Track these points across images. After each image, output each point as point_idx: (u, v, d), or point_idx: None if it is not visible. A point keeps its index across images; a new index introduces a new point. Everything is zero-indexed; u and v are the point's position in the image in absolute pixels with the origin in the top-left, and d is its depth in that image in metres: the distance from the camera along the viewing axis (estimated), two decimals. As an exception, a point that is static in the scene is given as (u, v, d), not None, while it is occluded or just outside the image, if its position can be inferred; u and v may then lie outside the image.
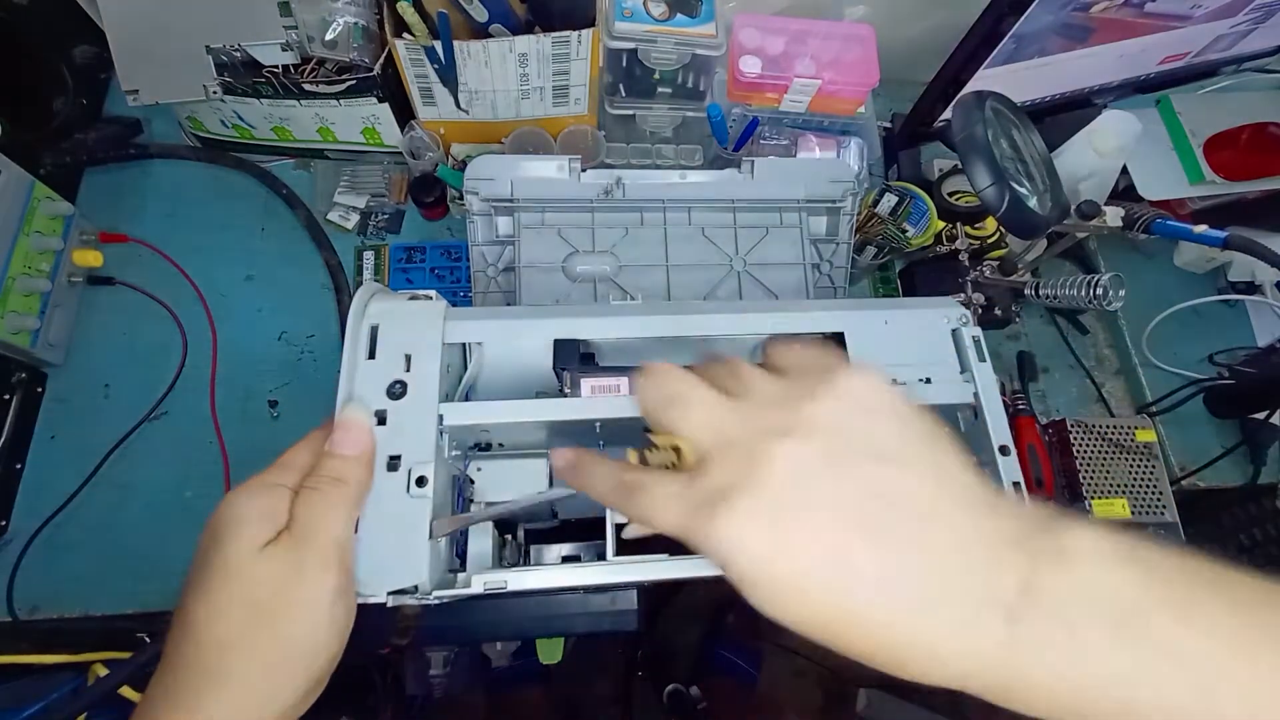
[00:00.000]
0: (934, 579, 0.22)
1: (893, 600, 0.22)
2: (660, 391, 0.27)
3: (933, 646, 0.22)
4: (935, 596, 0.21)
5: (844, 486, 0.23)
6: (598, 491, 0.29)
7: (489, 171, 0.57)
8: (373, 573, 0.33)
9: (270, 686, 0.28)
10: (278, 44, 0.56)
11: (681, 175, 0.60)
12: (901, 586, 0.22)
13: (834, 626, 0.22)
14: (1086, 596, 0.21)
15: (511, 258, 0.58)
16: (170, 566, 0.55)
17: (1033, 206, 0.50)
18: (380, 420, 0.36)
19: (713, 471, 0.24)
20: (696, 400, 0.26)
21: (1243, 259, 0.74)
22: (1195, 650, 0.20)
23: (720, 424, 0.25)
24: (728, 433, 0.25)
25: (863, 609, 0.22)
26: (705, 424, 0.25)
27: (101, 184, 0.66)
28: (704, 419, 0.25)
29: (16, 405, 0.57)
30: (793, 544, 0.22)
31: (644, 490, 0.26)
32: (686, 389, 0.26)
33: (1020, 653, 0.21)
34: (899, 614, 0.22)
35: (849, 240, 0.62)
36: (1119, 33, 0.62)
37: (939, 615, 0.21)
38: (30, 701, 0.54)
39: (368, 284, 0.41)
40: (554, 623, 0.51)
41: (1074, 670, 0.21)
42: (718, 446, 0.24)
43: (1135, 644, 0.20)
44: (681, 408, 0.26)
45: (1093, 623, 0.21)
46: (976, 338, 0.43)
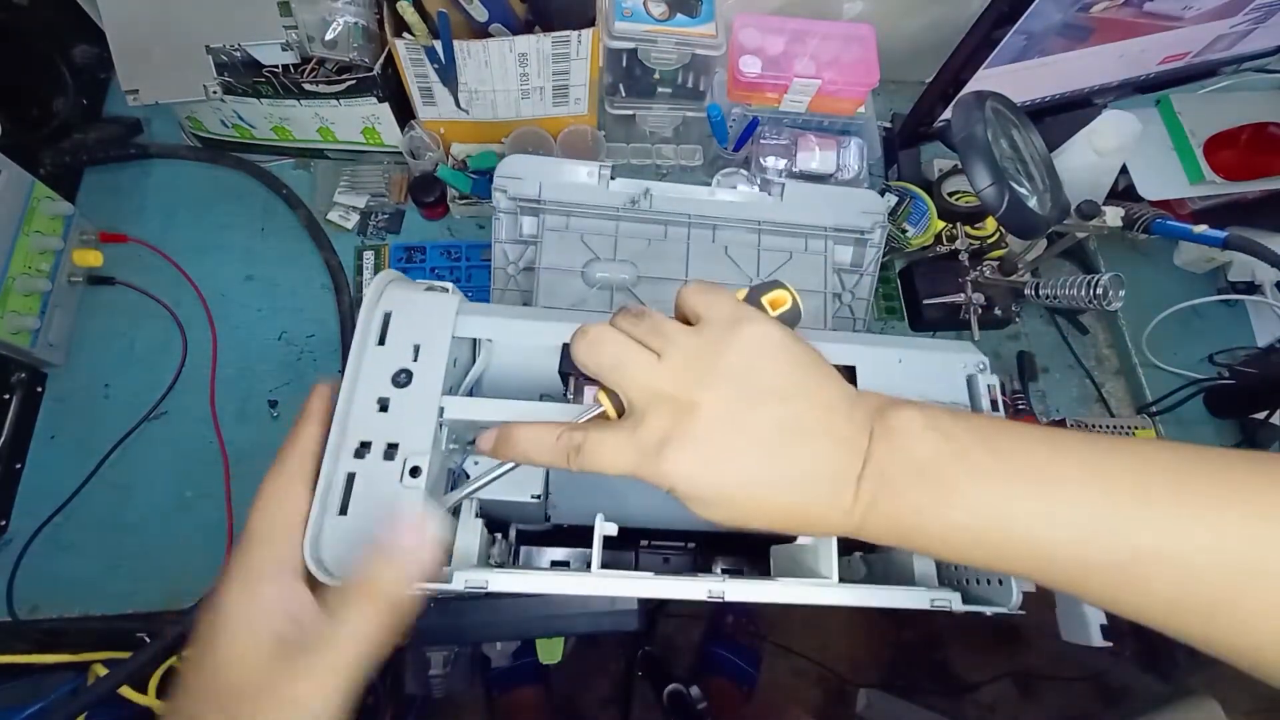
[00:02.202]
0: (811, 473, 0.30)
1: (787, 492, 0.30)
2: (600, 355, 0.32)
3: (817, 515, 0.30)
4: (820, 485, 0.30)
5: (754, 421, 0.30)
6: (535, 457, 0.33)
7: (519, 171, 0.57)
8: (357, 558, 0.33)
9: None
10: (278, 44, 0.56)
11: (710, 192, 0.60)
12: (792, 482, 0.30)
13: (750, 517, 0.30)
14: (897, 460, 0.29)
15: (533, 258, 0.59)
16: (170, 566, 0.55)
17: (1033, 206, 0.50)
18: (382, 407, 0.36)
19: (651, 422, 0.30)
20: (630, 362, 0.31)
21: (1243, 259, 0.74)
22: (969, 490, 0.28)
23: (655, 382, 0.31)
24: (661, 389, 0.31)
25: (768, 500, 0.30)
26: (642, 384, 0.31)
27: (101, 184, 0.66)
28: (639, 378, 0.31)
29: (16, 405, 0.57)
30: (721, 469, 0.30)
31: (591, 446, 0.31)
32: (622, 351, 0.32)
33: (864, 503, 0.29)
34: (792, 499, 0.30)
35: (874, 272, 0.62)
36: (1119, 33, 0.61)
37: (822, 496, 0.30)
38: (30, 701, 0.54)
39: (387, 271, 0.41)
40: (554, 623, 0.51)
41: (892, 508, 0.29)
42: (654, 401, 0.31)
43: (930, 488, 0.29)
44: (619, 369, 0.31)
45: (904, 477, 0.29)
46: (991, 386, 0.43)
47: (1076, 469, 0.28)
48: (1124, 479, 0.28)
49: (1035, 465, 0.29)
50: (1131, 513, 0.27)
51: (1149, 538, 0.27)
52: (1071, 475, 0.28)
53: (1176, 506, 0.27)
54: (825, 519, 0.30)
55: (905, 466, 0.29)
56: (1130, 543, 0.27)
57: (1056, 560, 0.28)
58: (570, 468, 0.31)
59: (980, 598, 0.40)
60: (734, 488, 0.30)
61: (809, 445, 0.30)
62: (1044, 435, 0.30)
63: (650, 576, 0.36)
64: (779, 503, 0.30)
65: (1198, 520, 0.26)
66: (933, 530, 0.29)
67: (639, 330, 0.32)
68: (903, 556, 0.44)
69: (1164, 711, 0.91)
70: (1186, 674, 0.84)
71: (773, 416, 0.30)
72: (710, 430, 0.30)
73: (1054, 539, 0.28)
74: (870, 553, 0.49)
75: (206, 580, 0.52)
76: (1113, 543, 0.27)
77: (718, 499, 0.30)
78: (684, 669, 1.23)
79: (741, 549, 0.53)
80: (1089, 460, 0.29)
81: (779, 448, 0.30)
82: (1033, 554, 0.28)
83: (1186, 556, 0.26)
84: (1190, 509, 0.27)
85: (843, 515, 0.30)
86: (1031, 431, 0.30)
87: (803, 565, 0.41)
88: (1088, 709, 1.25)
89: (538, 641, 0.66)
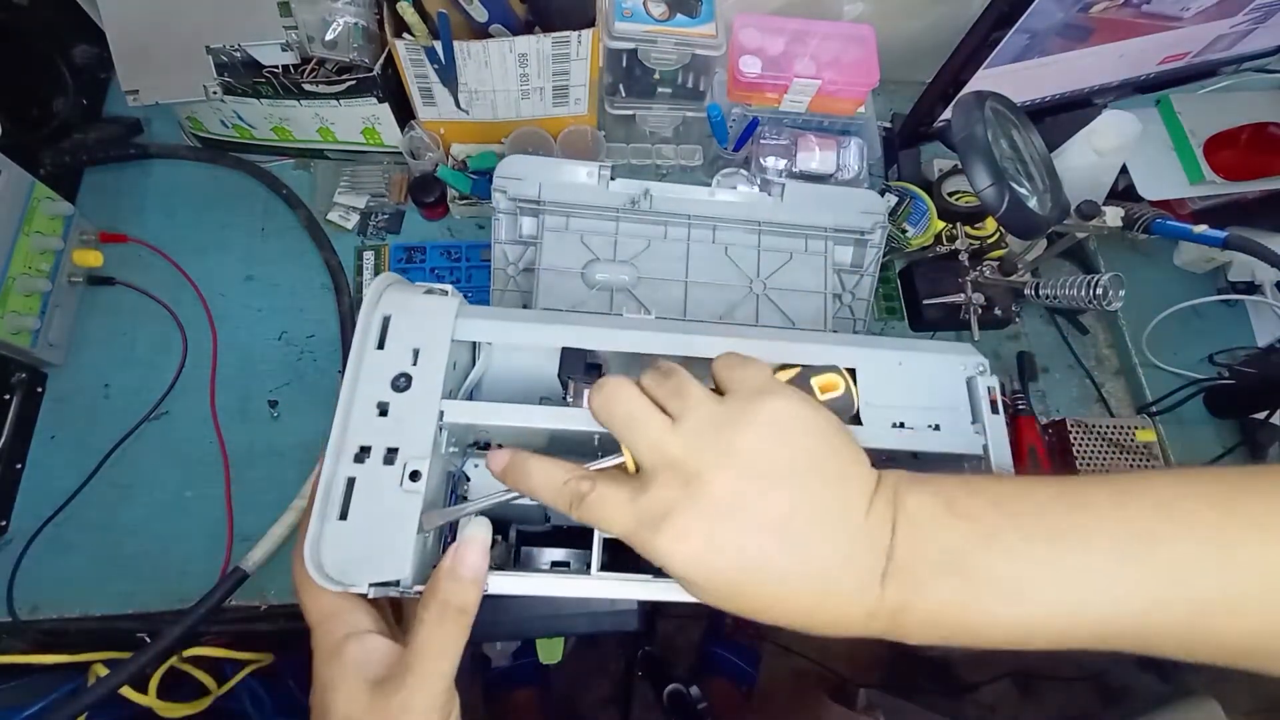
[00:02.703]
0: (828, 570, 0.28)
1: (799, 588, 0.28)
2: (613, 411, 0.31)
3: (836, 615, 0.28)
4: (835, 581, 0.28)
5: (763, 503, 0.28)
6: (540, 495, 0.32)
7: (519, 171, 0.57)
8: (356, 562, 0.33)
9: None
10: (278, 44, 0.56)
11: (710, 193, 0.60)
12: (805, 578, 0.28)
13: (760, 612, 0.28)
14: (922, 550, 0.28)
15: (532, 258, 0.59)
16: (170, 566, 0.55)
17: (1033, 206, 0.50)
18: (382, 411, 0.36)
19: (656, 489, 0.28)
20: (643, 421, 0.30)
21: (1243, 259, 0.74)
22: (1005, 573, 0.27)
23: (665, 446, 0.29)
24: (670, 455, 0.29)
25: (781, 597, 0.28)
26: (652, 446, 0.29)
27: (101, 184, 0.66)
28: (651, 441, 0.29)
29: (16, 405, 0.57)
30: (725, 553, 0.27)
31: (594, 501, 0.30)
32: (636, 411, 0.30)
33: (890, 605, 0.28)
34: (804, 597, 0.28)
35: (874, 272, 0.62)
36: (1119, 33, 0.61)
37: (838, 593, 0.28)
38: (30, 701, 0.54)
39: (386, 274, 0.40)
40: (554, 623, 0.51)
41: (924, 607, 0.27)
42: (661, 466, 0.29)
43: (959, 576, 0.27)
44: (631, 428, 0.30)
45: (928, 568, 0.27)
46: (991, 388, 0.43)
47: (1111, 524, 0.27)
48: (1163, 527, 0.26)
49: (1063, 532, 0.27)
50: (1180, 561, 0.26)
51: (1206, 585, 0.25)
52: (1103, 538, 0.27)
53: (1221, 547, 0.26)
54: (846, 620, 0.28)
55: (933, 560, 0.27)
56: (1188, 595, 0.26)
57: (1117, 627, 0.26)
58: (571, 515, 0.30)
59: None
60: (736, 576, 0.28)
61: (826, 539, 0.28)
62: (1066, 492, 0.28)
63: (650, 578, 0.36)
64: (790, 600, 0.28)
65: (1250, 550, 0.25)
66: (977, 624, 0.27)
67: (661, 391, 0.31)
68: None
69: (1164, 711, 0.91)
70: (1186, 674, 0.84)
71: (786, 502, 0.28)
72: (716, 509, 0.28)
73: (1108, 611, 0.26)
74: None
75: (207, 580, 0.52)
76: (1170, 596, 0.26)
77: (718, 588, 0.28)
78: (684, 669, 1.23)
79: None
80: (1116, 513, 0.27)
81: (791, 537, 0.28)
82: (1089, 628, 0.27)
83: (1251, 596, 0.25)
84: (1237, 538, 0.26)
85: (867, 617, 0.28)
86: (1052, 491, 0.28)
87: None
88: (1088, 709, 1.25)
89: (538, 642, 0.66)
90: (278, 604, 0.55)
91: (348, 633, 0.32)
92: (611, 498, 0.29)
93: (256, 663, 0.64)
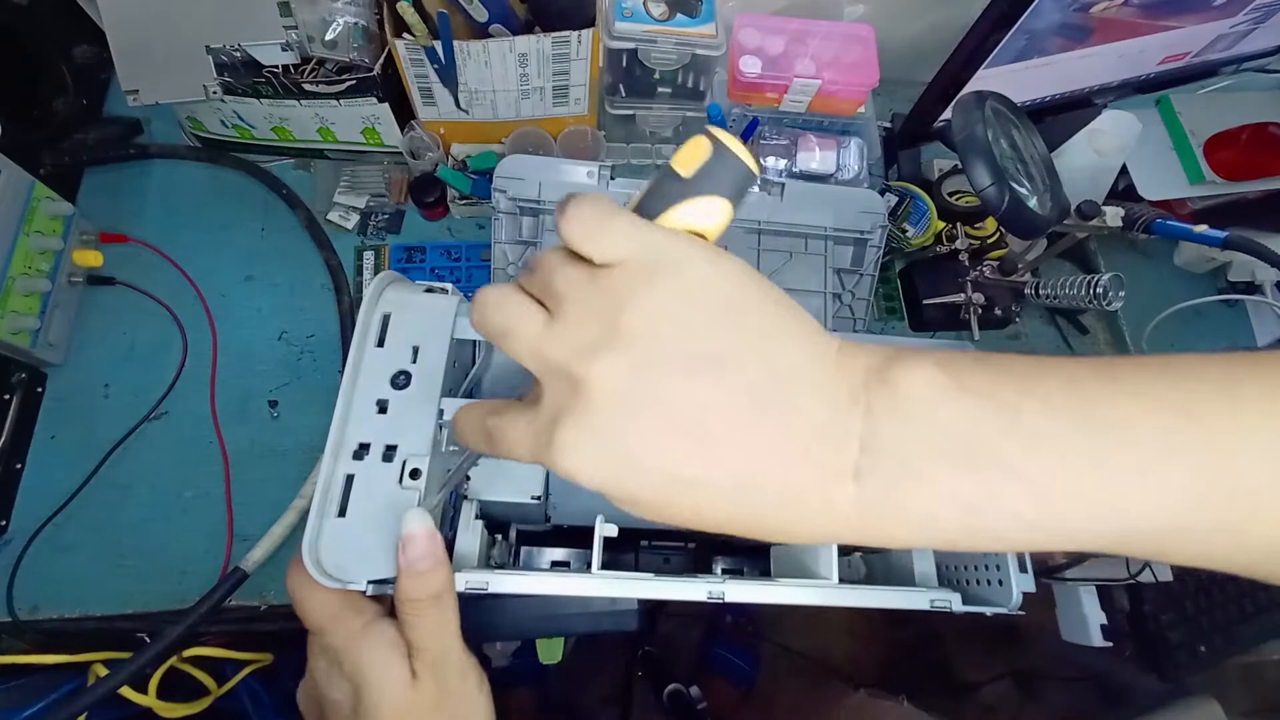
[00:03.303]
0: (775, 465, 0.22)
1: (738, 494, 0.22)
2: (488, 322, 0.26)
3: (790, 521, 0.23)
4: (780, 480, 0.22)
5: (661, 399, 0.22)
6: (470, 443, 0.29)
7: (519, 172, 0.57)
8: (356, 560, 0.33)
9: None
10: (278, 44, 0.56)
11: None
12: (743, 481, 0.22)
13: (698, 522, 0.23)
14: (922, 435, 0.22)
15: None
16: (170, 567, 0.55)
17: (1033, 206, 0.50)
18: (381, 409, 0.36)
19: (544, 399, 0.24)
20: (516, 329, 0.25)
21: (1243, 259, 0.74)
22: (1033, 467, 0.21)
23: (544, 350, 0.24)
24: (549, 358, 0.24)
25: (715, 507, 0.23)
26: (531, 352, 0.24)
27: (101, 184, 0.66)
28: (529, 347, 0.24)
29: (16, 405, 0.57)
30: (633, 462, 0.22)
31: (500, 433, 0.26)
32: (508, 319, 0.25)
33: (870, 504, 0.22)
34: (748, 503, 0.22)
35: (874, 273, 0.62)
36: (1119, 33, 0.61)
37: (789, 495, 0.22)
38: (30, 701, 0.54)
39: (386, 272, 0.41)
40: (554, 623, 0.51)
41: (922, 506, 0.22)
42: (544, 374, 0.24)
43: (976, 470, 0.21)
44: (507, 338, 0.25)
45: (933, 460, 0.21)
46: None
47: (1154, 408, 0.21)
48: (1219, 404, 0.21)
49: (1103, 417, 0.21)
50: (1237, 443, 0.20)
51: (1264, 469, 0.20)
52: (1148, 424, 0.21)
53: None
54: (809, 528, 0.23)
55: (932, 446, 0.21)
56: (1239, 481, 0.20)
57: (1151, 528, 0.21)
58: (493, 454, 0.27)
59: (980, 598, 0.40)
60: (657, 487, 0.23)
61: (759, 432, 0.22)
62: (1102, 371, 0.22)
63: (650, 577, 0.36)
64: (729, 509, 0.23)
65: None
66: (988, 527, 0.22)
67: (534, 285, 0.25)
68: (903, 556, 0.44)
69: (1164, 711, 0.91)
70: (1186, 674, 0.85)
71: (692, 390, 0.22)
72: (609, 411, 0.22)
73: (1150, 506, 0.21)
74: (871, 552, 0.49)
75: (207, 580, 0.52)
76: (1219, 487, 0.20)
77: (643, 502, 0.23)
78: (684, 669, 1.23)
79: (742, 549, 0.53)
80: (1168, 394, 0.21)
81: (711, 435, 0.22)
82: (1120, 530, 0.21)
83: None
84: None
85: (837, 523, 0.22)
86: (1086, 369, 0.22)
87: (803, 566, 0.41)
88: (1088, 709, 1.25)
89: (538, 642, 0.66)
90: (277, 604, 0.55)
91: (365, 622, 0.33)
92: (512, 425, 0.25)
93: (256, 663, 0.64)
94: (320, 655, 0.34)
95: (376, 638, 0.32)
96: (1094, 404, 0.21)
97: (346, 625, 0.33)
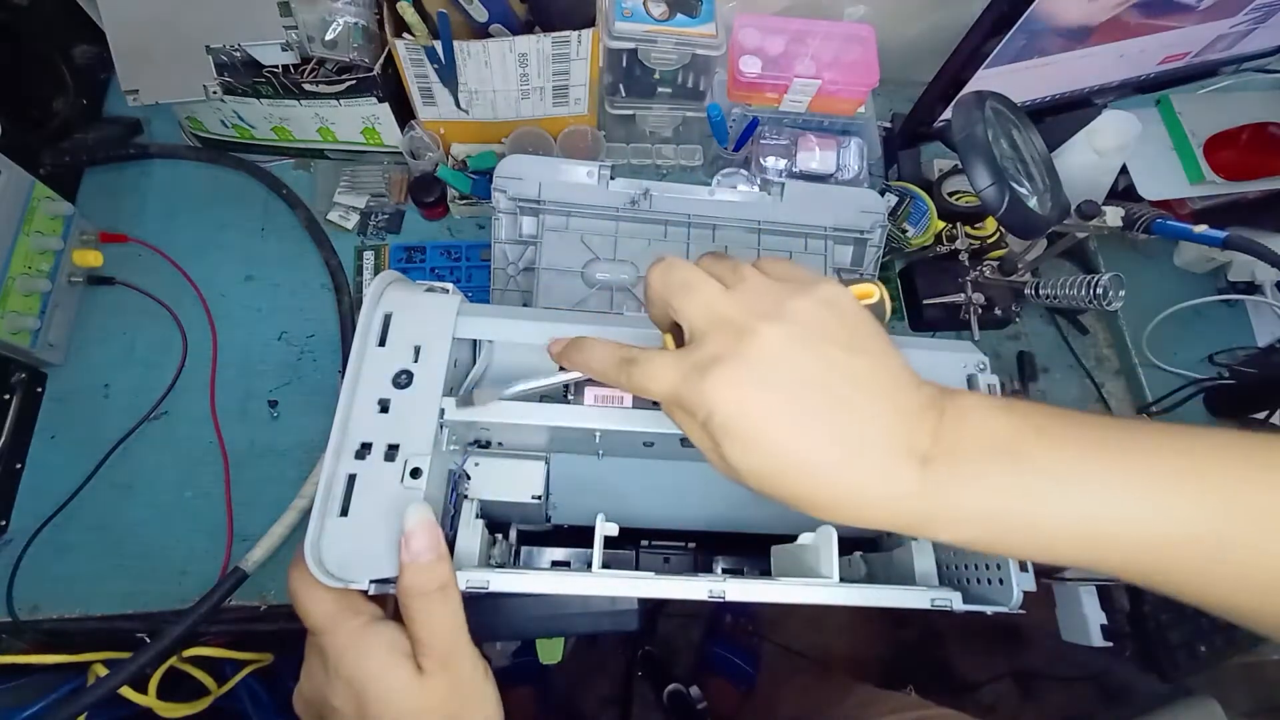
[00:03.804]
0: (866, 436, 0.28)
1: (832, 451, 0.28)
2: (670, 277, 0.31)
3: (861, 490, 0.28)
4: (865, 449, 0.27)
5: (811, 363, 0.28)
6: (595, 368, 0.33)
7: (519, 171, 0.57)
8: (358, 559, 0.33)
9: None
10: (278, 44, 0.56)
11: (710, 192, 0.60)
12: (840, 441, 0.28)
13: (786, 473, 0.28)
14: (977, 437, 0.28)
15: (532, 258, 0.59)
16: (170, 567, 0.55)
17: (1033, 206, 0.50)
18: (383, 408, 0.36)
19: (707, 344, 0.29)
20: (700, 286, 0.31)
21: (1243, 259, 0.74)
22: (1065, 469, 0.27)
23: (718, 307, 0.30)
24: (723, 313, 0.30)
25: (809, 457, 0.28)
26: (705, 305, 0.30)
27: (101, 184, 0.66)
28: (705, 301, 0.30)
29: (16, 405, 0.57)
30: (766, 402, 0.28)
31: (642, 362, 0.31)
32: (694, 277, 0.31)
33: (931, 489, 0.27)
34: (833, 462, 0.27)
35: (874, 272, 0.62)
36: (1119, 33, 0.61)
37: (866, 464, 0.27)
38: (30, 701, 0.54)
39: (387, 272, 0.41)
40: (554, 623, 0.51)
41: (969, 491, 0.27)
42: (713, 324, 0.30)
43: (1016, 468, 0.27)
44: (687, 292, 0.31)
45: (982, 456, 0.27)
46: (992, 385, 0.43)
47: (1166, 447, 0.27)
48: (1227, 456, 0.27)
49: (1117, 443, 0.28)
50: (1238, 494, 0.26)
51: (1255, 516, 0.26)
52: (1158, 454, 0.27)
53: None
54: (876, 498, 0.28)
55: (984, 444, 0.28)
56: (1235, 525, 0.26)
57: (1151, 540, 0.27)
58: (621, 383, 0.32)
59: (981, 597, 0.40)
60: (774, 430, 0.28)
61: (869, 406, 0.28)
62: (1119, 420, 0.31)
63: (651, 576, 0.36)
64: (823, 464, 0.27)
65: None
66: (1018, 517, 0.27)
67: (718, 268, 0.32)
68: (904, 556, 0.44)
69: (1164, 711, 0.91)
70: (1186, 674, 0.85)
71: (834, 363, 0.28)
72: (764, 358, 0.28)
73: (1149, 517, 0.26)
74: (872, 551, 0.49)
75: (207, 580, 0.52)
76: (1216, 524, 0.26)
77: (755, 438, 0.28)
78: (684, 669, 1.23)
79: (742, 549, 0.53)
80: (1173, 440, 0.27)
81: (834, 399, 0.28)
82: (1129, 543, 0.27)
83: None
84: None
85: (898, 500, 0.27)
86: (1105, 418, 0.31)
87: (803, 565, 0.41)
88: (1088, 709, 1.25)
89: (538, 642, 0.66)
90: (277, 604, 0.55)
91: (365, 621, 0.33)
92: (660, 359, 0.30)
93: (256, 663, 0.64)
94: (318, 657, 0.34)
95: (375, 638, 0.33)
96: (1106, 432, 0.28)
97: (346, 624, 0.33)
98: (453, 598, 0.33)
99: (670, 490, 0.49)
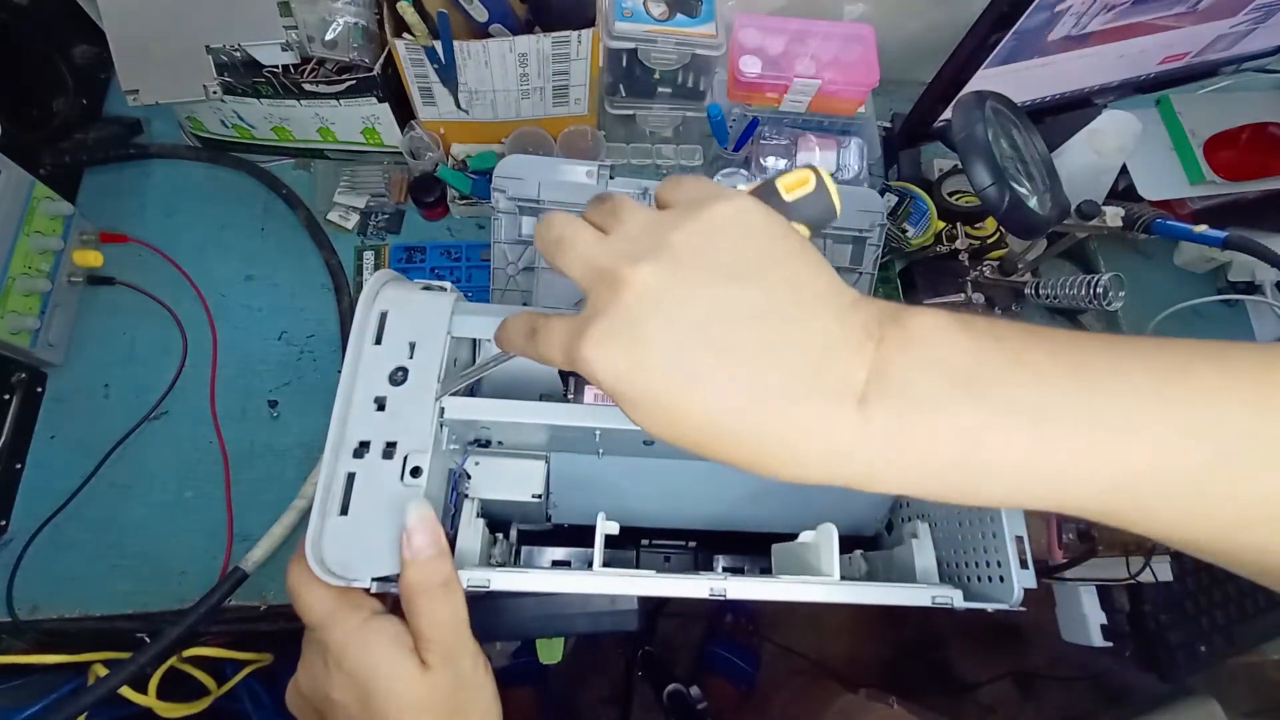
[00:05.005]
0: (785, 382, 0.23)
1: (747, 407, 0.23)
2: (548, 235, 0.28)
3: (794, 445, 0.23)
4: (788, 398, 0.23)
5: (694, 305, 0.24)
6: (515, 344, 0.30)
7: (518, 171, 0.57)
8: (358, 557, 0.33)
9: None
10: (278, 44, 0.56)
11: None
12: (754, 394, 0.23)
13: (700, 437, 0.24)
14: (930, 366, 0.23)
15: (532, 258, 0.59)
16: (170, 567, 0.55)
17: (1033, 206, 0.50)
18: (380, 406, 0.36)
19: (587, 303, 0.26)
20: (574, 239, 0.27)
21: (1243, 259, 0.74)
22: (1034, 400, 0.22)
23: (594, 257, 0.26)
24: (596, 263, 0.26)
25: (721, 418, 0.23)
26: (580, 259, 0.27)
27: (101, 184, 0.66)
28: (579, 255, 0.27)
29: (16, 405, 0.57)
30: (649, 361, 0.23)
31: (542, 330, 0.28)
32: (569, 230, 0.28)
33: (875, 432, 0.22)
34: (755, 420, 0.23)
35: (873, 271, 0.62)
36: (1119, 33, 0.62)
37: (794, 415, 0.23)
38: (30, 701, 0.54)
39: (383, 271, 0.41)
40: (554, 622, 0.51)
41: (925, 435, 0.22)
42: (590, 279, 0.26)
43: (979, 401, 0.22)
44: (561, 248, 0.28)
45: (938, 389, 0.22)
46: None
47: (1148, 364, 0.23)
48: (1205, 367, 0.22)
49: (1096, 366, 0.23)
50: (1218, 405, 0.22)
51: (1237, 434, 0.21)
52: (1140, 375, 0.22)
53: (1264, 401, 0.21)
54: (806, 452, 0.23)
55: (939, 379, 0.22)
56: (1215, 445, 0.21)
57: (1130, 476, 0.22)
58: (529, 354, 0.29)
59: (981, 594, 0.40)
60: (666, 386, 0.23)
61: (779, 342, 0.23)
62: (1096, 336, 0.24)
63: (651, 575, 0.36)
64: (729, 420, 0.23)
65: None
66: (986, 464, 0.22)
67: (597, 212, 0.29)
68: (904, 553, 0.44)
69: (1164, 711, 0.91)
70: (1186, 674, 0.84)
71: (723, 301, 0.24)
72: (636, 306, 0.24)
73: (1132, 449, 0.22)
74: (872, 549, 0.49)
75: (207, 580, 0.52)
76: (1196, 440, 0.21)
77: (643, 401, 0.24)
78: (684, 669, 1.23)
79: (743, 547, 0.53)
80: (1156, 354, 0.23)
81: (730, 341, 0.23)
82: (1107, 478, 0.22)
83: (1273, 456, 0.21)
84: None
85: (837, 452, 0.23)
86: (1082, 334, 0.24)
87: (804, 563, 0.41)
88: (1088, 709, 1.25)
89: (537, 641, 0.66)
90: (277, 604, 0.55)
91: (367, 615, 0.33)
92: (553, 325, 0.27)
93: (256, 663, 0.64)
94: (317, 652, 0.34)
95: (378, 633, 0.33)
96: (1092, 355, 0.23)
97: (347, 619, 0.33)
98: (455, 593, 0.33)
99: (670, 489, 0.49)
